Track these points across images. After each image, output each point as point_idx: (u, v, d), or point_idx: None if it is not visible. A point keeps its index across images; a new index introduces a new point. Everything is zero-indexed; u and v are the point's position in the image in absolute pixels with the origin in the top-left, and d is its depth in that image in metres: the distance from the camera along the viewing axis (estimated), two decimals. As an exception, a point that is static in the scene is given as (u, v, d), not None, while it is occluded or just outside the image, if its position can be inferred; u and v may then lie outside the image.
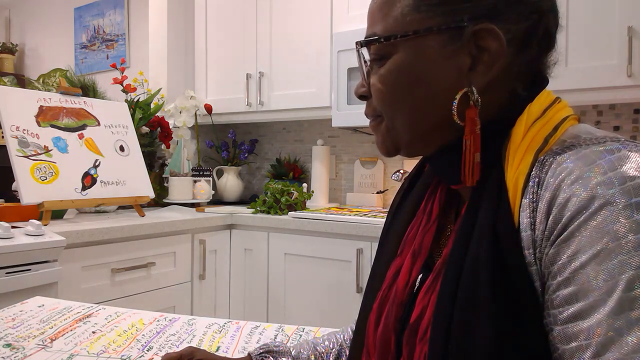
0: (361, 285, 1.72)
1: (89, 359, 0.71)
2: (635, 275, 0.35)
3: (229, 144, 2.63)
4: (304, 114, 2.22)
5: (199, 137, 2.51)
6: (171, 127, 2.39)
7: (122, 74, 2.28)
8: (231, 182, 2.53)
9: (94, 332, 0.81)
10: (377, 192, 2.29)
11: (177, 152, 2.31)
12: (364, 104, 0.57)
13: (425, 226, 0.57)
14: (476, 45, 0.48)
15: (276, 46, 2.25)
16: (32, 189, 1.57)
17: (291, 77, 2.21)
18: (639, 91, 1.52)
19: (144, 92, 2.34)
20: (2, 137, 1.76)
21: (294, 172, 2.49)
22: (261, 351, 0.68)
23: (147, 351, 0.75)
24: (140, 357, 0.73)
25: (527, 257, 0.42)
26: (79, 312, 0.91)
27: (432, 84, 0.49)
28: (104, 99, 2.13)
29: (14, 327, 0.82)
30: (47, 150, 1.68)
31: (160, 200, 2.32)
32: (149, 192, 1.95)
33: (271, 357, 0.68)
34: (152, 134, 2.35)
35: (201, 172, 2.35)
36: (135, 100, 2.26)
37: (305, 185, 2.19)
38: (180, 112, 2.39)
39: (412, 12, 0.49)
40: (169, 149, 2.39)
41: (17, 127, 1.63)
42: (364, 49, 0.53)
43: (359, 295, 1.72)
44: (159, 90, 2.40)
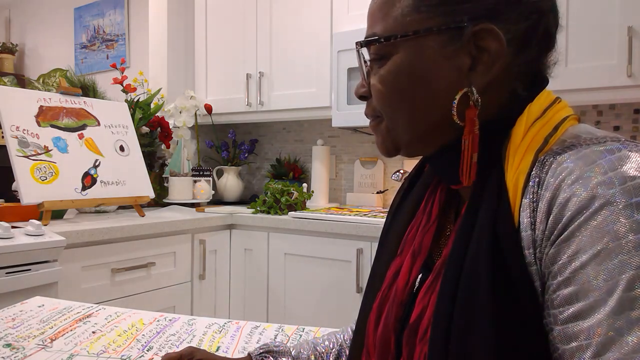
0: (361, 285, 1.72)
1: (89, 359, 0.71)
2: (635, 275, 0.35)
3: (229, 144, 2.63)
4: (304, 114, 2.22)
5: (199, 137, 2.51)
6: (171, 127, 2.39)
7: (122, 74, 2.28)
8: (231, 182, 2.53)
9: (94, 332, 0.81)
10: (377, 192, 2.29)
11: (177, 152, 2.31)
12: (364, 104, 0.57)
13: (425, 226, 0.57)
14: (476, 45, 0.48)
15: (276, 46, 2.25)
16: (32, 189, 1.57)
17: (291, 77, 2.21)
18: (639, 91, 1.51)
19: (144, 92, 2.34)
20: (2, 137, 1.76)
21: (294, 172, 2.49)
22: (261, 351, 0.68)
23: (147, 351, 0.75)
24: (140, 357, 0.73)
25: (527, 257, 0.42)
26: (79, 312, 0.91)
27: (432, 84, 0.49)
28: (104, 99, 2.13)
29: (14, 327, 0.82)
30: (47, 150, 1.68)
31: (160, 200, 2.32)
32: (149, 192, 1.95)
33: (271, 357, 0.68)
34: (152, 134, 2.35)
35: (201, 172, 2.35)
36: (135, 100, 2.26)
37: (305, 185, 2.19)
38: (180, 112, 2.39)
39: (412, 12, 0.49)
40: (169, 149, 2.39)
41: (17, 127, 1.63)
42: (364, 49, 0.53)
43: (359, 295, 1.72)
44: (159, 90, 2.40)
